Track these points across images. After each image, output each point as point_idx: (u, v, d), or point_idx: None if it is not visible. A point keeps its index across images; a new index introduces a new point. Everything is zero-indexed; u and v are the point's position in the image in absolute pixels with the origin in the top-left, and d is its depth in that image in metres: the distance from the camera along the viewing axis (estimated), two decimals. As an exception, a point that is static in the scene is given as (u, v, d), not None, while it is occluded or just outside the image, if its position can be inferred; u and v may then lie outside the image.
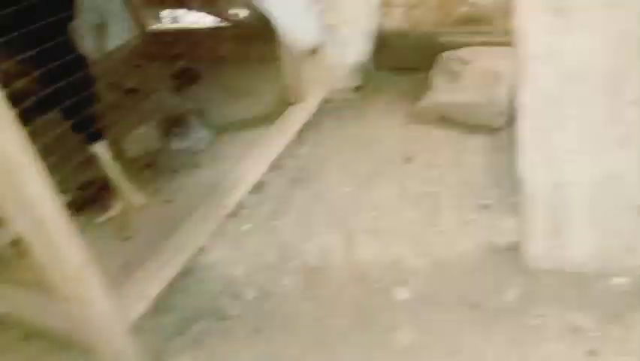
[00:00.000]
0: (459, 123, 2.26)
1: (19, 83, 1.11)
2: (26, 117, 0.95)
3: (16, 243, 1.51)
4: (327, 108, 2.50)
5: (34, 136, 1.00)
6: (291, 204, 2.01)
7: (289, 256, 1.77)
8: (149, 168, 1.97)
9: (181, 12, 3.45)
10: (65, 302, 1.16)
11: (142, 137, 2.07)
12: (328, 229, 1.86)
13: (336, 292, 1.60)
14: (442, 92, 2.33)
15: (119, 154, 1.94)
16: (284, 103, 2.16)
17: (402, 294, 1.54)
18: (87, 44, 2.18)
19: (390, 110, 2.50)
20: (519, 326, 1.41)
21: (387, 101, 2.58)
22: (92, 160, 1.64)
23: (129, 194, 1.74)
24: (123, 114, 1.86)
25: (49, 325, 1.32)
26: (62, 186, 1.12)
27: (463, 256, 1.65)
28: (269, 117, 2.12)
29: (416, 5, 2.84)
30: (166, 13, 3.45)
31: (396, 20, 2.87)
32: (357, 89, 2.73)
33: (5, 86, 0.90)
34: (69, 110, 1.34)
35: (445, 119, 2.30)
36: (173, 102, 2.41)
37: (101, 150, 1.68)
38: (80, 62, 1.44)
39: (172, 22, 3.46)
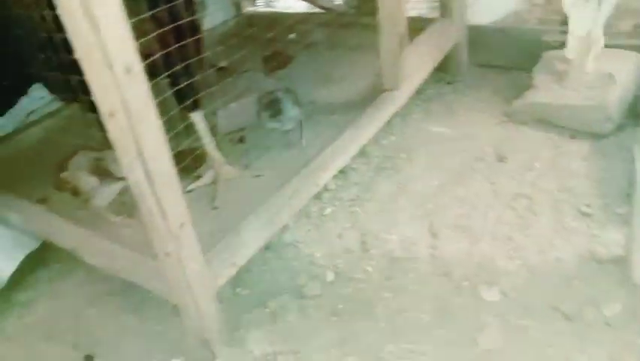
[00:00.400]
0: (560, 126, 2.12)
1: (146, 41, 1.15)
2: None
3: (120, 200, 1.58)
4: (418, 100, 2.44)
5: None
6: (375, 192, 1.97)
7: (371, 244, 1.73)
8: (240, 144, 1.99)
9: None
10: (160, 260, 1.18)
11: (234, 113, 2.10)
12: (412, 220, 1.81)
13: (418, 286, 1.55)
14: (544, 92, 2.19)
15: (211, 128, 1.99)
16: (376, 90, 2.12)
17: (490, 295, 1.46)
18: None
19: (484, 107, 2.39)
20: (619, 342, 1.30)
21: (481, 98, 2.47)
22: (187, 129, 1.68)
23: (220, 166, 1.77)
24: (216, 90, 1.89)
25: (142, 281, 1.37)
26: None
27: (560, 263, 1.54)
28: (360, 103, 2.08)
29: (520, 1, 2.70)
30: (260, -1, 3.51)
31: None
32: (449, 83, 2.64)
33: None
34: (178, 75, 1.37)
35: (545, 121, 2.16)
36: (264, 83, 2.44)
37: (198, 118, 1.72)
38: (196, 28, 1.48)
39: (266, 7, 3.51)
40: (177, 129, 1.51)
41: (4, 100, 1.86)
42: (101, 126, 1.04)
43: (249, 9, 3.41)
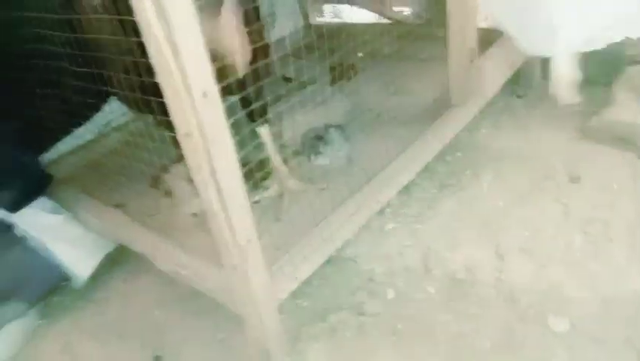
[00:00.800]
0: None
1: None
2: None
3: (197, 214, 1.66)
4: (487, 113, 2.37)
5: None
6: (438, 209, 1.94)
7: (433, 263, 1.71)
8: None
9: (344, 7, 3.51)
10: (227, 272, 1.23)
11: (298, 125, 2.13)
12: (477, 241, 1.76)
13: (481, 310, 1.51)
14: (626, 110, 2.08)
15: (275, 140, 2.03)
16: (443, 105, 2.09)
17: (559, 325, 1.40)
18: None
19: (557, 122, 2.29)
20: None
21: (554, 113, 2.36)
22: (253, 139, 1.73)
23: (285, 178, 1.80)
24: (283, 103, 1.93)
25: (208, 289, 1.42)
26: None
27: (636, 295, 1.45)
28: (426, 118, 2.06)
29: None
30: (329, 8, 3.55)
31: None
32: (520, 96, 2.56)
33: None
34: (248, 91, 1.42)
35: (624, 140, 2.04)
36: (328, 94, 2.46)
37: (265, 132, 1.76)
38: (267, 46, 1.53)
39: (334, 17, 3.54)
40: (245, 144, 1.56)
41: (86, 110, 2.01)
42: (176, 144, 1.09)
43: (317, 20, 3.46)
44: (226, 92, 1.16)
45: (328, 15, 3.59)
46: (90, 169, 2.07)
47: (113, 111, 2.17)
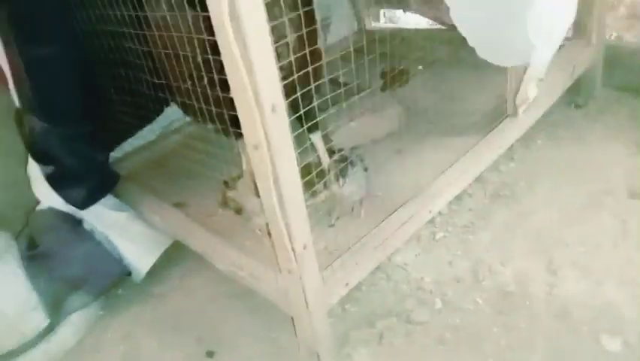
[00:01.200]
0: None
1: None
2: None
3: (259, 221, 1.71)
4: (544, 124, 2.32)
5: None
6: (490, 220, 1.93)
7: (482, 275, 1.71)
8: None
9: (399, 12, 3.52)
10: (283, 275, 1.28)
11: (354, 131, 2.17)
12: (529, 254, 1.75)
13: (531, 324, 1.50)
14: (692, 124, 2.00)
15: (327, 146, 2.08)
16: (499, 114, 2.07)
17: (613, 344, 1.38)
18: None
19: (617, 135, 2.23)
20: None
21: (614, 125, 2.30)
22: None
23: (336, 185, 1.84)
24: (336, 108, 1.96)
25: (262, 290, 1.48)
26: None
27: (697, 319, 1.41)
28: (480, 127, 2.05)
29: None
30: (384, 13, 3.56)
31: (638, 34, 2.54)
32: (579, 106, 2.50)
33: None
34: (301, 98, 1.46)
35: (690, 156, 1.97)
36: (380, 101, 2.48)
37: (316, 139, 1.80)
38: (319, 52, 1.58)
39: (389, 22, 3.55)
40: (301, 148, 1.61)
41: (151, 113, 2.12)
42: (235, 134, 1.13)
43: (372, 24, 3.48)
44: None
45: (383, 20, 3.60)
46: (152, 169, 2.17)
47: (174, 113, 2.27)
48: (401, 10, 3.47)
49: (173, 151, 2.27)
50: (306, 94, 1.55)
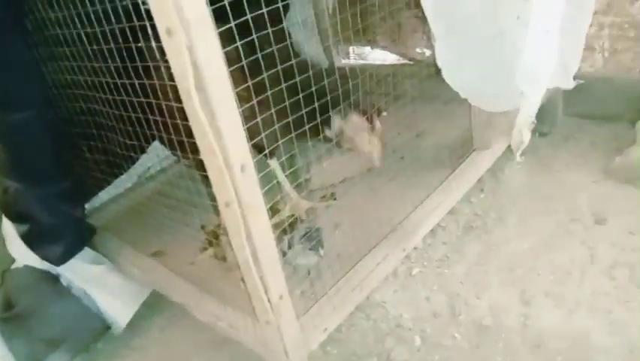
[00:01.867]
0: (667, 186, 2.01)
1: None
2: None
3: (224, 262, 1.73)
4: (510, 153, 2.39)
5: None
6: (464, 253, 1.98)
7: (459, 309, 1.74)
8: (331, 200, 2.09)
9: (367, 49, 3.62)
10: (261, 326, 1.30)
11: (327, 170, 2.21)
12: (502, 286, 1.79)
13: (508, 357, 1.53)
14: (649, 150, 2.09)
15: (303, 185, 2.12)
16: (466, 147, 2.14)
17: (586, 374, 1.42)
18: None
19: (581, 162, 2.32)
20: None
21: (578, 152, 2.39)
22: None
23: (297, 201, 1.91)
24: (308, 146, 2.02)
25: (242, 339, 1.49)
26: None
27: (665, 343, 1.46)
28: (449, 160, 2.12)
29: (624, 50, 2.60)
30: (353, 50, 3.66)
31: (596, 65, 2.66)
32: (543, 135, 2.59)
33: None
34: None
35: (650, 180, 2.06)
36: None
37: (275, 164, 1.85)
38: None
39: (358, 59, 3.66)
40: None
41: (127, 161, 2.13)
42: (207, 182, 1.16)
43: (342, 62, 3.57)
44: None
45: (353, 57, 3.70)
46: (129, 217, 2.17)
47: (150, 160, 2.29)
48: (369, 47, 3.59)
49: (150, 198, 2.28)
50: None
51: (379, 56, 3.54)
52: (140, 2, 1.10)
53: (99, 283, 1.90)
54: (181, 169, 2.30)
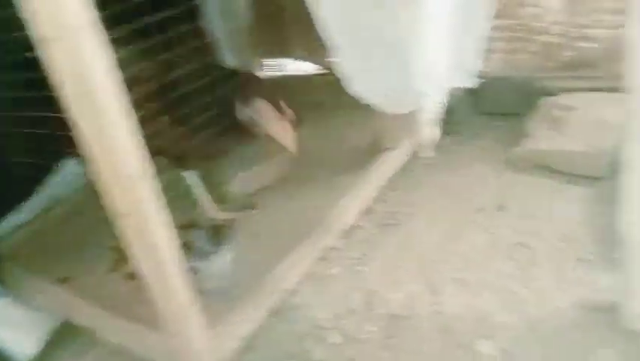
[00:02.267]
0: (557, 172, 2.16)
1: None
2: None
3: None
4: (420, 152, 2.50)
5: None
6: (379, 250, 2.03)
7: (374, 303, 1.78)
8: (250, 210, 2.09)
9: (285, 61, 3.69)
10: (171, 338, 1.28)
11: (247, 180, 2.22)
12: (415, 277, 1.85)
13: (418, 344, 1.58)
14: (542, 139, 2.25)
15: (222, 196, 2.12)
16: (377, 148, 2.22)
17: (486, 349, 1.49)
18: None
19: (486, 156, 2.45)
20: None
21: (483, 147, 2.53)
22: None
23: (213, 212, 1.91)
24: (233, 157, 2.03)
25: (156, 356, 1.45)
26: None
27: (557, 314, 1.56)
28: (361, 162, 2.19)
29: (517, 50, 2.79)
30: (271, 62, 3.71)
31: (495, 65, 2.84)
32: (450, 133, 2.71)
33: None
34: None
35: (543, 168, 2.21)
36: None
37: (189, 176, 1.84)
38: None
39: (277, 71, 3.71)
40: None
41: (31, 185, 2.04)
42: None
43: (260, 74, 3.60)
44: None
45: (272, 68, 3.75)
46: (33, 245, 2.08)
47: (55, 188, 2.20)
48: (290, 59, 3.65)
49: (56, 224, 2.19)
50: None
51: (298, 67, 3.61)
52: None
53: (0, 317, 1.79)
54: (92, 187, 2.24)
